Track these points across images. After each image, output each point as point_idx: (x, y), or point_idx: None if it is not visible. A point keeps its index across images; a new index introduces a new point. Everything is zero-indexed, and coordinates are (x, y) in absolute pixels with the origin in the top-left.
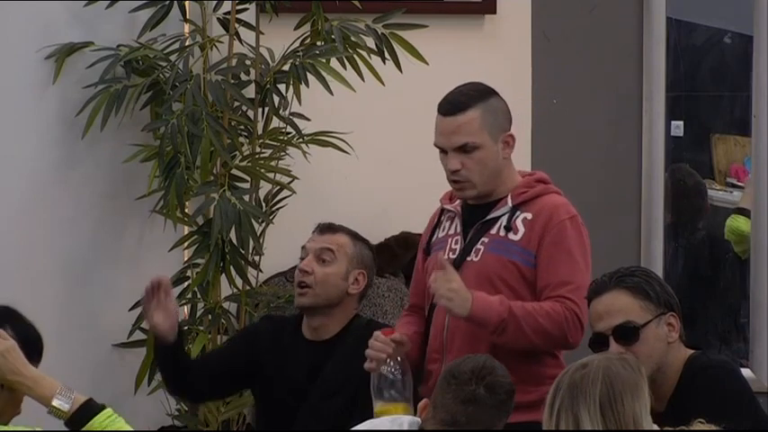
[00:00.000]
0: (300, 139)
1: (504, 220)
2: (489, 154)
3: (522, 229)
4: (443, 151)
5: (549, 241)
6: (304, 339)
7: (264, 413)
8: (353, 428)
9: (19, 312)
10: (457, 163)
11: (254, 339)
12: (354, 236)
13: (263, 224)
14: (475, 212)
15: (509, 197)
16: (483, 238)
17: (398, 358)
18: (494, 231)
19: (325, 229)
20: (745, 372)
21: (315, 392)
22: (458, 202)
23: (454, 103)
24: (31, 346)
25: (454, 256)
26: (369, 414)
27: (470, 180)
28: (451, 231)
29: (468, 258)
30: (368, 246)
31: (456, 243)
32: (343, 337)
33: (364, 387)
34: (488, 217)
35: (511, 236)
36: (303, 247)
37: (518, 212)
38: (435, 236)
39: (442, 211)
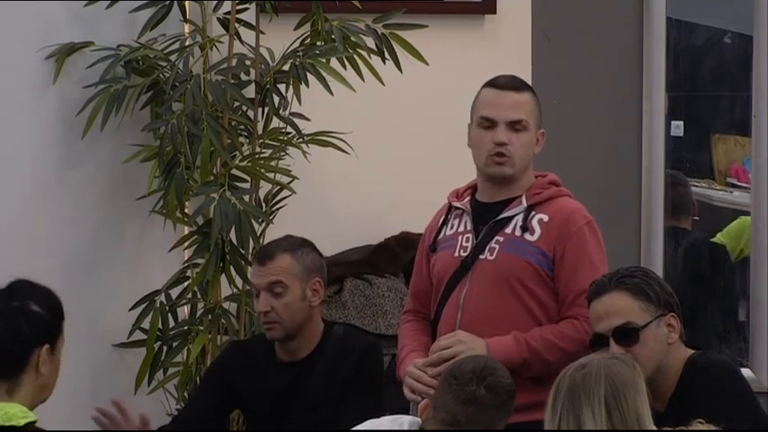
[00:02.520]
0: (300, 139)
1: (519, 220)
2: (531, 141)
3: (538, 230)
4: (488, 126)
5: (570, 248)
6: (279, 361)
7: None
8: (354, 428)
9: (34, 282)
10: (506, 136)
11: (226, 370)
12: (292, 248)
13: (263, 224)
14: (485, 210)
15: (524, 197)
16: (497, 237)
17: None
18: (509, 231)
19: (264, 257)
20: (745, 372)
21: (298, 410)
22: (467, 199)
23: (513, 82)
24: (57, 310)
25: (465, 254)
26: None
27: (512, 158)
28: (461, 229)
29: (482, 257)
30: (309, 247)
31: (467, 241)
32: (321, 352)
33: (345, 401)
34: (502, 216)
35: (527, 236)
36: (251, 283)
37: (533, 213)
38: (442, 233)
39: (449, 208)
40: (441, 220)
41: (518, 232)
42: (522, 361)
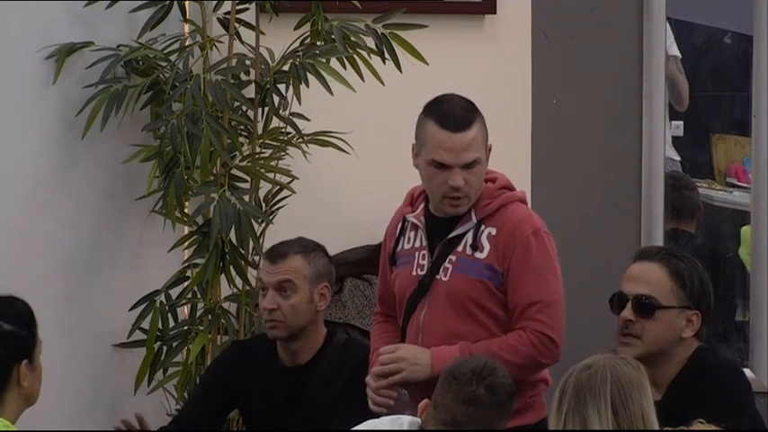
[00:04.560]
0: (300, 139)
1: (469, 238)
2: (484, 167)
3: (487, 246)
4: (440, 167)
5: (515, 261)
6: (281, 366)
7: None
8: (354, 428)
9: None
10: (461, 179)
11: (226, 370)
12: (306, 250)
13: (263, 224)
14: (439, 225)
15: (473, 212)
16: (450, 256)
17: (402, 390)
18: (460, 249)
19: (276, 256)
20: (745, 372)
21: (295, 418)
22: (419, 210)
23: (462, 119)
24: (29, 321)
25: (423, 273)
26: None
27: (468, 195)
28: (417, 244)
29: (437, 277)
30: (320, 251)
31: (423, 258)
32: (321, 359)
33: (339, 408)
34: (453, 234)
35: (477, 254)
36: (259, 279)
37: (482, 227)
38: (401, 245)
39: (404, 218)
40: (398, 230)
41: (468, 251)
42: None
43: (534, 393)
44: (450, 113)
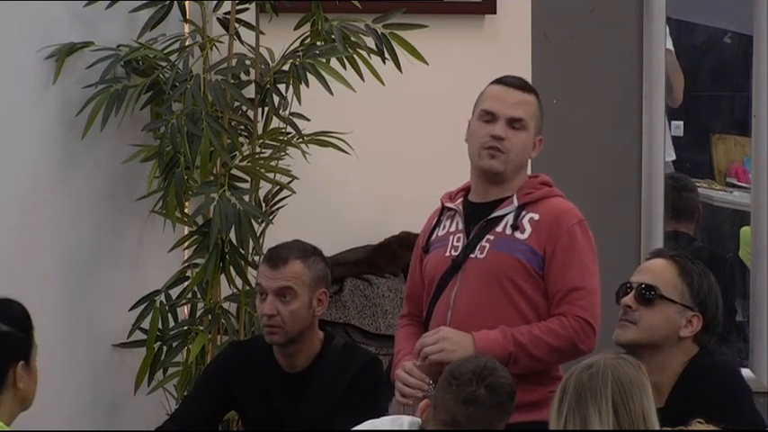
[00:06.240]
0: (300, 139)
1: (510, 219)
2: (528, 142)
3: (528, 229)
4: (488, 120)
5: (561, 247)
6: (280, 371)
7: None
8: (354, 429)
9: None
10: (504, 131)
11: (225, 371)
12: (305, 255)
13: (263, 224)
14: (477, 211)
15: (515, 196)
16: (488, 236)
17: (429, 382)
18: (499, 229)
19: (277, 261)
20: (745, 372)
21: (294, 421)
22: (459, 200)
23: (522, 82)
24: (25, 323)
25: (456, 254)
26: None
27: (508, 153)
28: (453, 229)
29: (472, 255)
30: (318, 256)
31: (458, 240)
32: (320, 364)
33: (339, 416)
34: (494, 215)
35: (517, 234)
36: (257, 284)
37: (524, 212)
38: (435, 234)
39: (442, 210)
40: (434, 222)
41: (509, 231)
42: (508, 354)
43: (554, 389)
44: (510, 76)
